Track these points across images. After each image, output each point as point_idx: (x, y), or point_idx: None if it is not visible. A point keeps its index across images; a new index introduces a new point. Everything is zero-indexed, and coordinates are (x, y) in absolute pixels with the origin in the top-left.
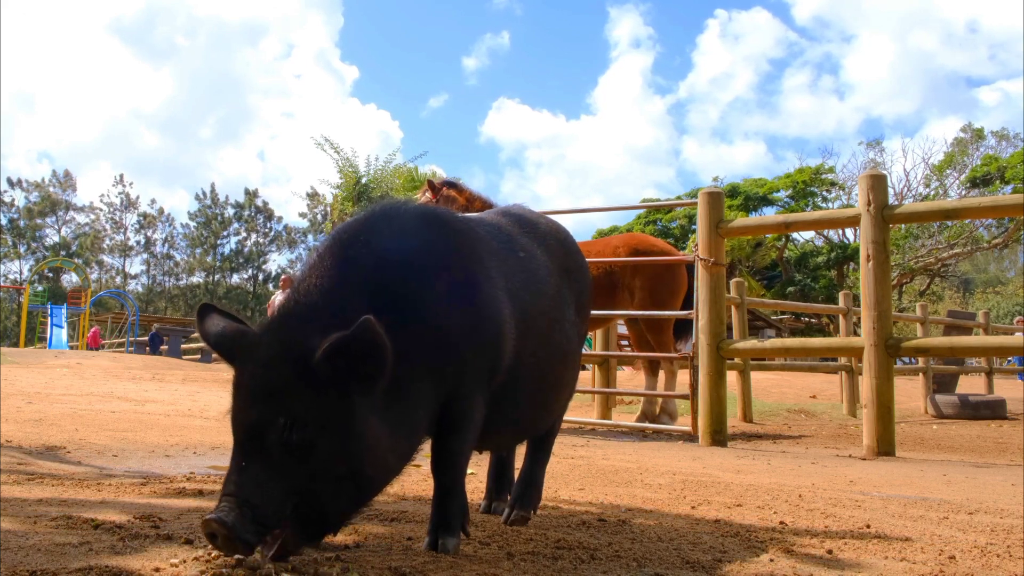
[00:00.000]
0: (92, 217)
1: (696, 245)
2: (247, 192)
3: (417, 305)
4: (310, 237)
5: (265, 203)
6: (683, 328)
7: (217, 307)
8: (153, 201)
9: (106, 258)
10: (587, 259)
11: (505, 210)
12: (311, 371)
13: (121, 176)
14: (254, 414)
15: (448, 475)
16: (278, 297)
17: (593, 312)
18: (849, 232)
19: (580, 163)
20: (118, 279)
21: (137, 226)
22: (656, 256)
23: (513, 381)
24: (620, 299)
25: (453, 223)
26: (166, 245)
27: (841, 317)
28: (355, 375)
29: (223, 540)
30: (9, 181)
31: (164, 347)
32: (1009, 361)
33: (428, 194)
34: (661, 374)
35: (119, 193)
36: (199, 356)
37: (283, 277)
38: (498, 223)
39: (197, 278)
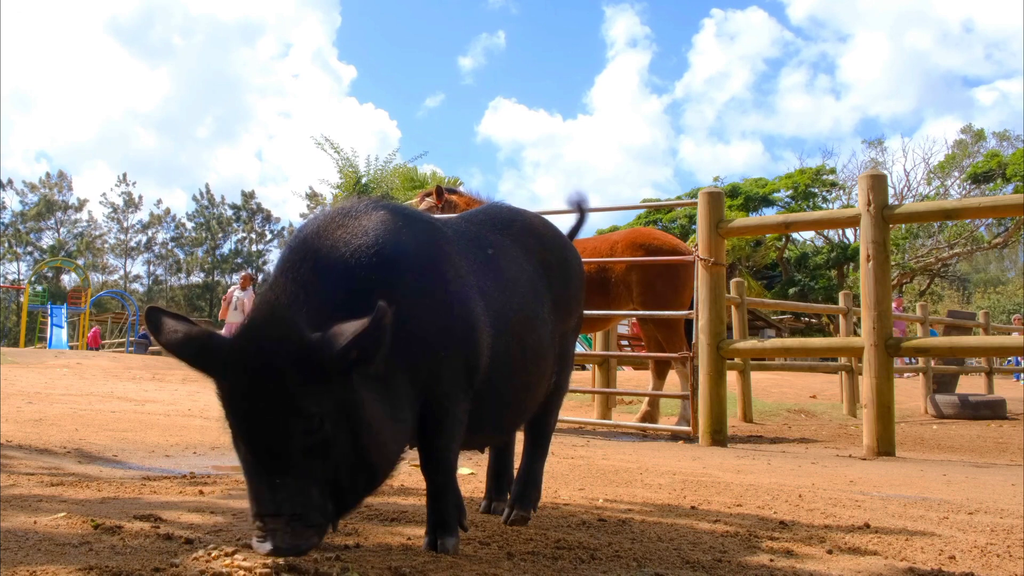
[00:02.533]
0: (89, 218)
1: (696, 245)
2: (243, 194)
3: (392, 302)
4: None
5: (259, 204)
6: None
7: (165, 310)
8: (159, 201)
9: (106, 258)
10: (584, 257)
11: (479, 209)
12: (314, 367)
13: (124, 175)
14: (272, 425)
15: (440, 475)
16: (236, 293)
17: (591, 312)
18: (849, 232)
19: (577, 163)
20: (117, 279)
21: (140, 226)
22: (660, 250)
23: (484, 380)
24: (617, 296)
25: (421, 222)
26: (171, 244)
27: (841, 317)
28: (361, 362)
29: (287, 558)
30: (0, 183)
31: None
32: (1009, 361)
33: (432, 198)
34: (674, 376)
35: (121, 193)
36: None
37: (243, 275)
38: (468, 221)
39: (196, 278)
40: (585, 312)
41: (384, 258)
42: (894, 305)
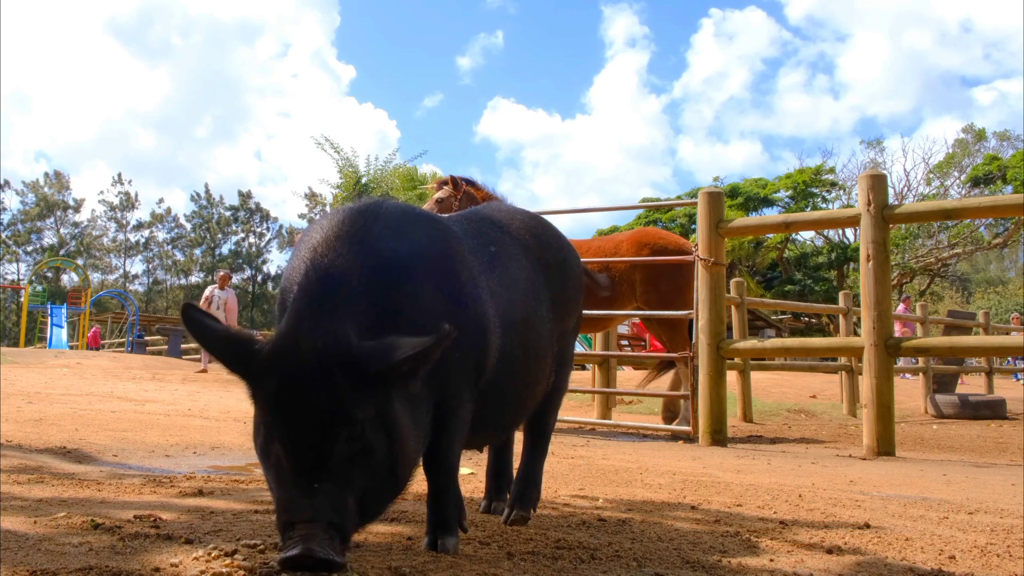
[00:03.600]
0: (88, 217)
1: (696, 245)
2: (240, 194)
3: (413, 305)
4: None
5: (257, 204)
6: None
7: (200, 308)
8: (161, 200)
9: (106, 258)
10: (589, 257)
11: (477, 208)
12: (363, 374)
13: (119, 175)
14: (318, 429)
15: (442, 475)
16: (217, 292)
17: (592, 312)
18: (849, 232)
19: (576, 163)
20: (117, 278)
21: (137, 225)
22: (665, 250)
23: (487, 379)
24: (620, 295)
25: (437, 222)
26: (170, 245)
27: (841, 317)
28: (409, 375)
29: (318, 568)
30: None
31: (149, 347)
32: (1009, 361)
33: (448, 187)
34: (674, 376)
35: (118, 193)
36: (199, 356)
37: (221, 274)
38: (467, 219)
39: (196, 278)
40: (586, 312)
41: (400, 261)
42: (902, 306)
